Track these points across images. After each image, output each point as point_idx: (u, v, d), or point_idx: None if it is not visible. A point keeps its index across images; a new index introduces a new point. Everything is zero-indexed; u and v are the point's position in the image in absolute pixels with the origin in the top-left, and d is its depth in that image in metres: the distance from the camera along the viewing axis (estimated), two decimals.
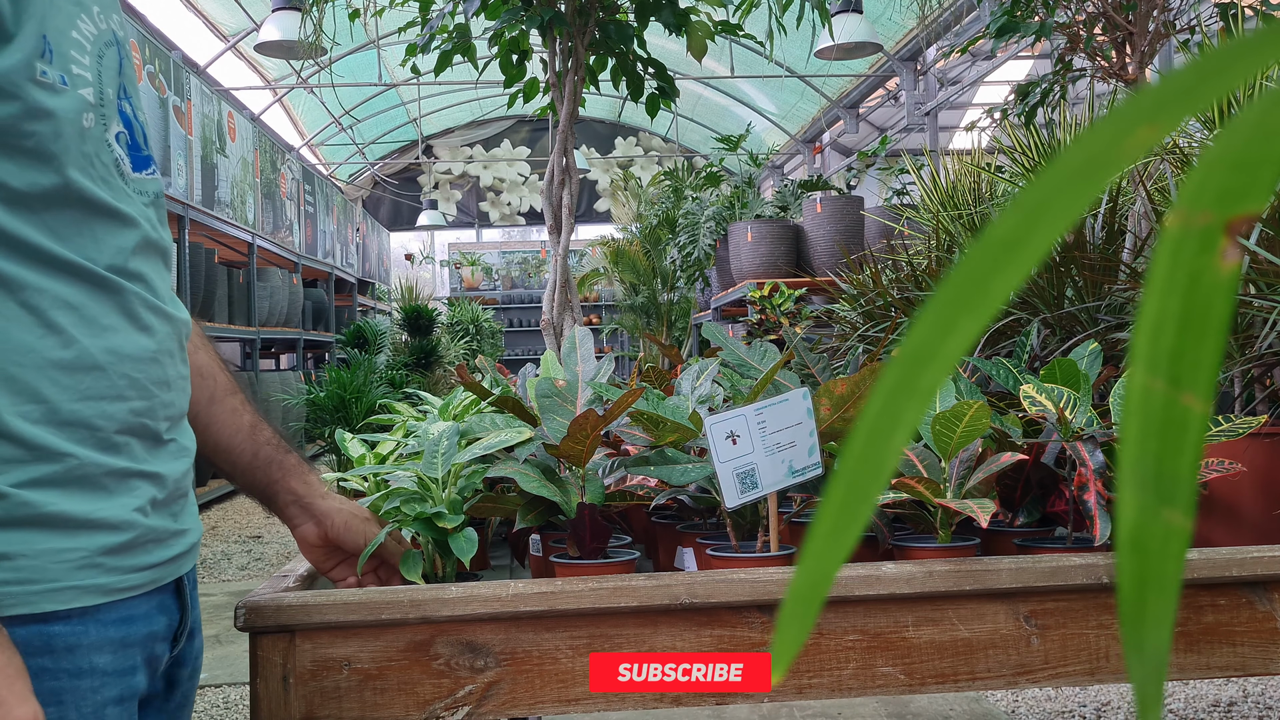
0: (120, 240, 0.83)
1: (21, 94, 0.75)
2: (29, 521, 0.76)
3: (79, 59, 0.80)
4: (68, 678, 0.77)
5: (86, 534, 0.78)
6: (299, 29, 4.00)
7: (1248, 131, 0.20)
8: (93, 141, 0.81)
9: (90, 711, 0.79)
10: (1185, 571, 1.11)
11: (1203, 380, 0.20)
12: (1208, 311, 0.20)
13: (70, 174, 0.78)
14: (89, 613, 0.79)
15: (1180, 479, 0.21)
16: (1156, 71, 3.36)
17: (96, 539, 0.79)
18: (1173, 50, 5.76)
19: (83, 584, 0.78)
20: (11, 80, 0.75)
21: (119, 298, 0.82)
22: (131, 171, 0.86)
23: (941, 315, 0.21)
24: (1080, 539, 1.26)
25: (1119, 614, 0.21)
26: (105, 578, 0.80)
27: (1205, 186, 0.20)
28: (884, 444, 0.21)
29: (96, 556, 0.79)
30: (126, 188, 0.84)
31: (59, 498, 0.77)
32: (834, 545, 0.22)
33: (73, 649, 0.78)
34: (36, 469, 0.76)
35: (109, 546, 0.80)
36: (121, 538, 0.81)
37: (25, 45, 0.75)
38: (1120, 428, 0.20)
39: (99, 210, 0.81)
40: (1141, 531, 0.21)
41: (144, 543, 0.83)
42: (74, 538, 0.78)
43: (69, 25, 0.80)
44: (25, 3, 0.76)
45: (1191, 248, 0.20)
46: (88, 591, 0.78)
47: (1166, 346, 0.20)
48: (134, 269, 0.84)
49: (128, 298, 0.83)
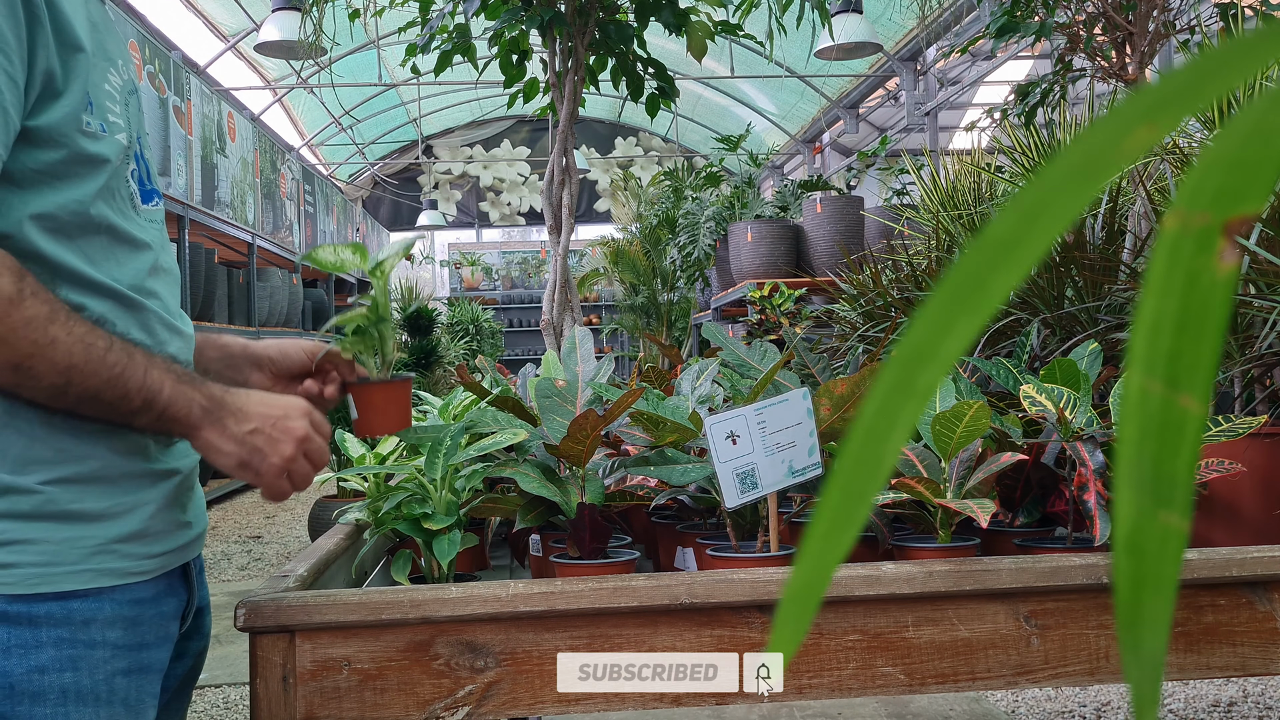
0: (138, 263, 0.95)
1: (69, 142, 0.88)
2: (55, 515, 0.87)
3: (113, 108, 0.93)
4: (83, 647, 0.89)
5: (103, 525, 0.90)
6: (299, 29, 4.01)
7: (1246, 132, 0.19)
8: (118, 178, 0.93)
9: (102, 679, 0.90)
10: (1185, 571, 1.11)
11: (1200, 381, 0.20)
12: (1205, 313, 0.20)
13: (100, 207, 0.91)
14: (104, 593, 0.90)
15: (1177, 480, 0.21)
16: (1156, 71, 3.35)
17: (112, 529, 0.90)
18: (1172, 50, 5.76)
19: (98, 567, 0.89)
20: (61, 131, 0.88)
21: (140, 314, 0.94)
22: (142, 204, 0.98)
23: (940, 315, 0.20)
24: (1080, 539, 1.26)
25: (1116, 615, 0.21)
26: (119, 562, 0.91)
27: (1203, 187, 0.20)
28: (881, 444, 0.21)
29: (111, 544, 0.90)
30: (139, 218, 0.96)
31: (82, 494, 0.89)
32: (831, 545, 0.22)
33: (88, 623, 0.89)
34: (64, 469, 0.88)
35: (122, 536, 0.91)
36: (134, 529, 0.92)
37: (72, 100, 0.88)
38: (1118, 429, 0.20)
39: (121, 238, 0.93)
40: (1138, 533, 0.21)
41: (155, 533, 0.94)
42: (92, 528, 0.89)
43: (103, 79, 0.93)
44: (73, 64, 0.88)
45: (1189, 248, 0.20)
46: (102, 574, 0.90)
47: (1164, 348, 0.20)
48: (150, 288, 0.96)
49: (147, 314, 0.95)
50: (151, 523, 0.94)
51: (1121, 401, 0.22)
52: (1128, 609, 0.21)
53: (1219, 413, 1.45)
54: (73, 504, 0.88)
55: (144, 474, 0.94)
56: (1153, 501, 0.21)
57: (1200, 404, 0.20)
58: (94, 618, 0.90)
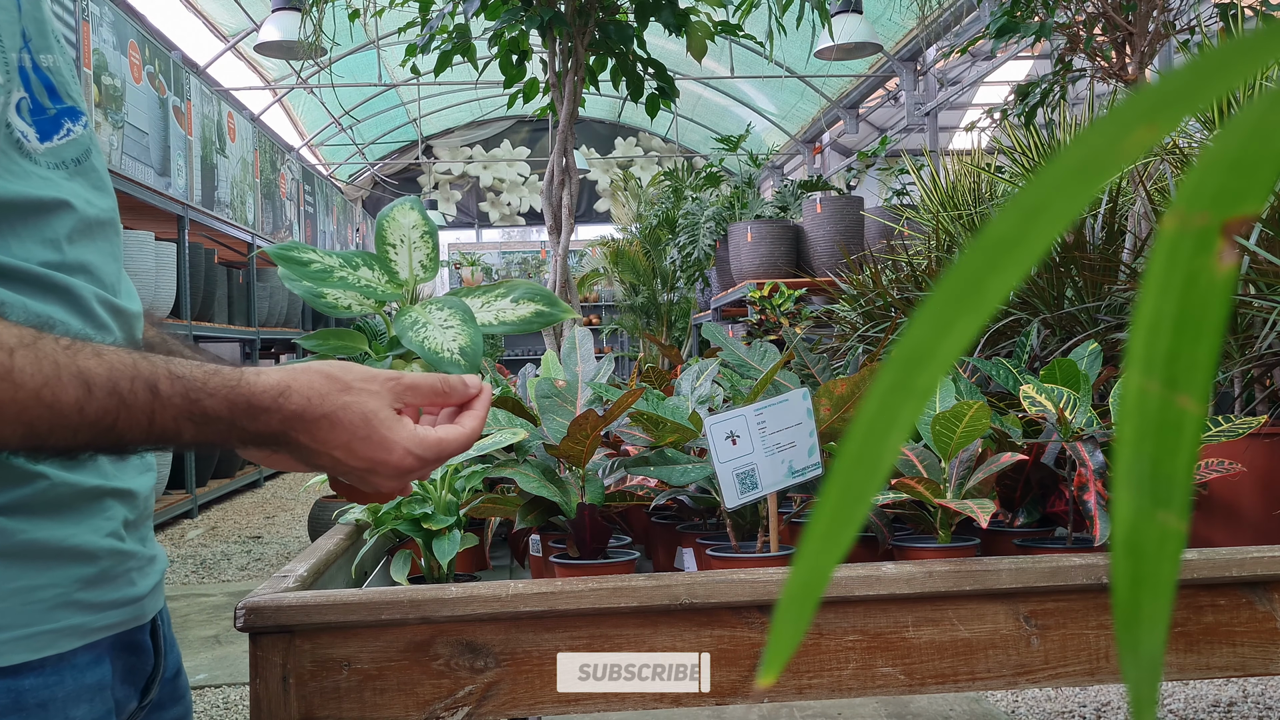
0: (49, 230, 0.68)
1: None
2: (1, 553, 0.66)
3: None
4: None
5: (60, 566, 0.68)
6: (299, 29, 4.01)
7: (1246, 131, 0.19)
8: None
9: None
10: (1185, 571, 1.11)
11: (1199, 382, 0.20)
12: (1204, 313, 0.20)
13: None
14: (64, 659, 0.68)
15: (1176, 481, 0.21)
16: (1156, 72, 3.35)
17: (71, 570, 0.69)
18: (1172, 50, 5.75)
19: (57, 626, 0.68)
20: None
21: (67, 297, 0.69)
22: (39, 143, 0.69)
23: (939, 315, 0.20)
24: (1080, 539, 1.26)
25: (1114, 615, 0.21)
26: (81, 616, 0.69)
27: (1202, 187, 0.20)
28: (880, 444, 0.21)
29: (73, 592, 0.69)
30: (36, 167, 0.69)
31: (31, 525, 0.67)
32: (830, 545, 0.22)
33: (45, 705, 0.66)
34: (7, 494, 0.66)
35: (84, 578, 0.70)
36: (96, 568, 0.71)
37: None
38: (1116, 429, 0.20)
39: (7, 205, 0.66)
40: (1136, 533, 0.21)
41: (119, 573, 0.73)
42: (47, 571, 0.67)
43: None
44: None
45: (1188, 249, 0.20)
46: (63, 634, 0.68)
47: (1163, 348, 0.20)
48: (75, 260, 0.70)
49: (76, 295, 0.70)
50: (115, 558, 0.72)
51: (1120, 402, 0.22)
52: (1126, 609, 0.21)
53: (1219, 413, 1.45)
54: (22, 535, 0.66)
55: (103, 493, 0.72)
56: (1151, 502, 0.21)
57: (1199, 404, 0.20)
58: (52, 697, 0.67)
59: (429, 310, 0.88)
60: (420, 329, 0.86)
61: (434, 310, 0.88)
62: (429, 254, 0.92)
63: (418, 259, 0.91)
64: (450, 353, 0.85)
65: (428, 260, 0.92)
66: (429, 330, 0.86)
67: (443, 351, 0.85)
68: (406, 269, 0.91)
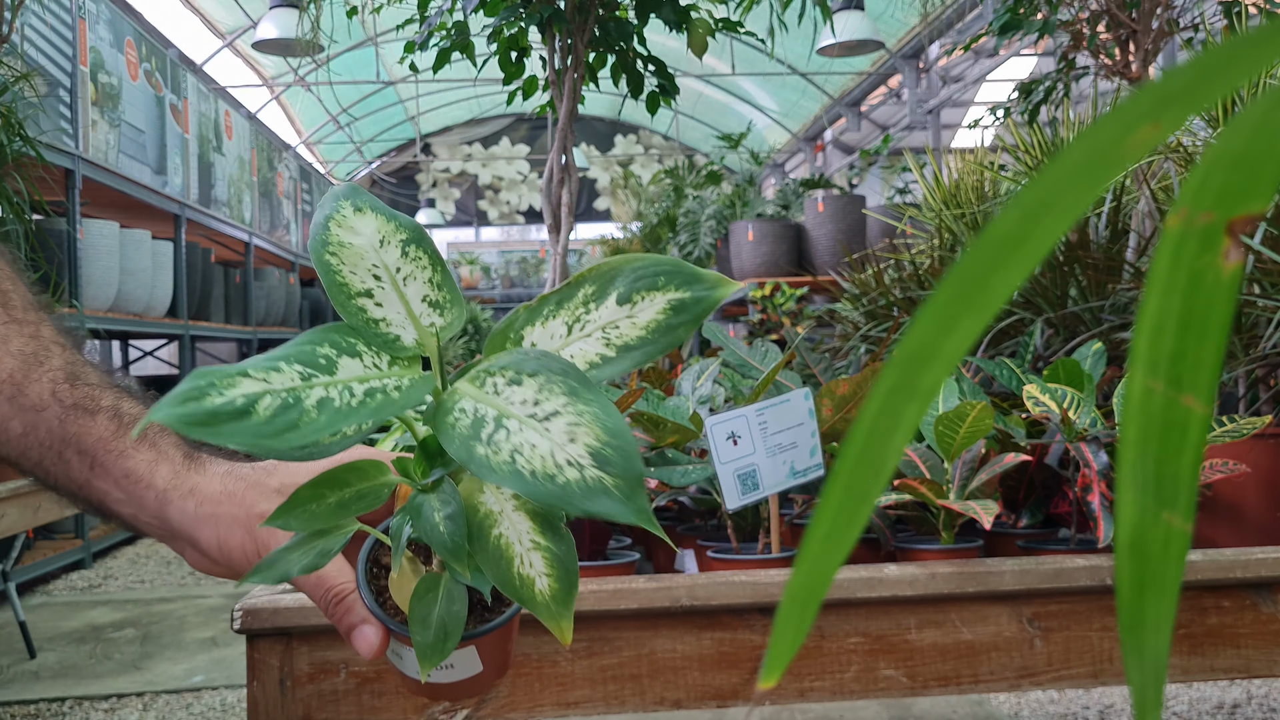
0: None
1: None
2: None
3: None
4: None
5: None
6: (296, 26, 4.01)
7: (1250, 129, 0.19)
8: None
9: None
10: (1189, 573, 1.11)
11: (1204, 382, 0.20)
12: (1209, 313, 0.20)
13: None
14: None
15: (1180, 482, 0.20)
16: (1160, 69, 3.35)
17: None
18: (1176, 48, 5.75)
19: None
20: None
21: None
22: None
23: (942, 314, 0.20)
24: (1084, 541, 1.26)
25: (1118, 617, 0.21)
26: None
27: (1207, 185, 0.20)
28: (883, 444, 0.21)
29: None
30: None
31: None
32: (832, 547, 0.22)
33: None
34: None
35: None
36: None
37: None
38: (1120, 430, 0.20)
39: None
40: (1141, 534, 0.21)
41: None
42: None
43: None
44: None
45: (1192, 248, 0.20)
46: None
47: (1167, 348, 0.20)
48: None
49: None
50: None
51: (1124, 402, 0.21)
52: (1131, 611, 0.21)
53: (1223, 413, 1.45)
54: None
55: None
56: (1156, 503, 0.21)
57: (1204, 404, 0.20)
58: None
59: (491, 384, 0.49)
60: (495, 436, 0.47)
61: (501, 383, 0.49)
62: (432, 276, 0.54)
63: (420, 292, 0.54)
64: (580, 466, 0.46)
65: (437, 288, 0.54)
66: (516, 437, 0.47)
67: (563, 472, 0.46)
68: (408, 322, 0.53)
